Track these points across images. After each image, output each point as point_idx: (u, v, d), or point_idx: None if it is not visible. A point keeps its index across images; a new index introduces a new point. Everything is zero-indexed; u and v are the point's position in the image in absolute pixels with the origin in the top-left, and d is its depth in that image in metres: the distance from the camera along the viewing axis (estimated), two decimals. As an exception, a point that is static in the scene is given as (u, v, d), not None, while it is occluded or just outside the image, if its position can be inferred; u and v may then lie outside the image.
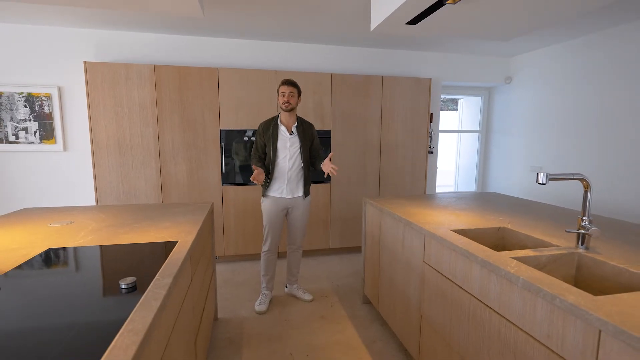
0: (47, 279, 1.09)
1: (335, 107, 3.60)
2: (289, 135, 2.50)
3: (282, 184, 2.53)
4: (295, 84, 2.46)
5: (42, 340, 0.76)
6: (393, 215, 2.10)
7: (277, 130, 2.49)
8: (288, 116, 2.50)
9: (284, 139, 2.49)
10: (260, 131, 2.52)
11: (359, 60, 3.94)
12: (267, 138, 2.50)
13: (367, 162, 3.76)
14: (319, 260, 3.68)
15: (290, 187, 2.54)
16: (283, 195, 2.54)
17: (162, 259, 1.27)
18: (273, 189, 2.54)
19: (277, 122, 2.52)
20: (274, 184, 2.54)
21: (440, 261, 1.61)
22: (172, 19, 2.99)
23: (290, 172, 2.52)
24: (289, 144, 2.50)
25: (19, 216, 1.94)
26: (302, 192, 2.59)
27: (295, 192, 2.56)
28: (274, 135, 2.48)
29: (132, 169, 3.22)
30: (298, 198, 2.58)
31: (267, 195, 2.56)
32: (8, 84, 3.15)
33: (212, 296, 2.31)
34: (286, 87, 2.43)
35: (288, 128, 2.51)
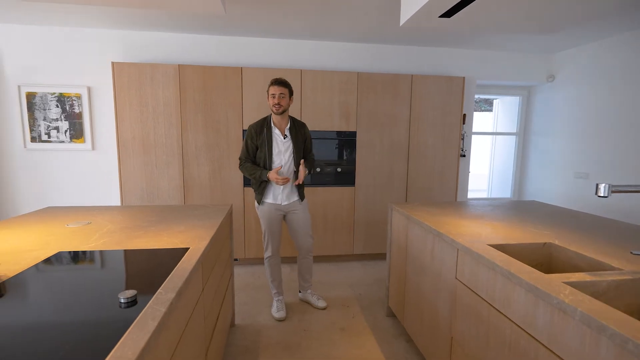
0: (45, 288, 1.03)
1: (361, 106, 3.46)
2: (283, 139, 2.38)
3: (278, 190, 2.42)
4: (286, 83, 2.29)
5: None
6: (422, 225, 1.93)
7: (271, 134, 2.36)
8: (280, 118, 2.36)
9: (277, 143, 2.37)
10: (252, 134, 2.36)
11: (386, 59, 3.77)
12: (259, 142, 2.36)
13: (394, 164, 3.58)
14: (340, 266, 3.54)
15: (285, 193, 2.44)
16: (279, 201, 2.44)
17: (170, 268, 1.18)
18: (269, 196, 2.44)
19: (269, 124, 2.37)
20: (269, 190, 2.43)
21: (475, 279, 1.43)
22: (196, 18, 2.97)
23: (282, 173, 2.40)
24: (283, 149, 2.38)
25: (41, 215, 1.95)
26: (297, 196, 2.48)
27: (290, 197, 2.46)
28: (267, 138, 2.34)
29: (155, 169, 3.23)
30: (294, 203, 2.48)
31: (263, 202, 2.46)
32: (42, 84, 3.25)
33: (229, 302, 2.23)
34: (276, 88, 2.25)
35: (281, 131, 2.38)
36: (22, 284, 1.05)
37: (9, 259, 1.25)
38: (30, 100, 3.24)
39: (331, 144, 3.46)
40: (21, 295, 0.98)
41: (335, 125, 3.44)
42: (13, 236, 1.54)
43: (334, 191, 3.51)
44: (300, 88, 3.33)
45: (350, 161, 3.51)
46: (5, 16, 2.99)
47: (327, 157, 3.46)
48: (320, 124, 3.42)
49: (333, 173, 3.50)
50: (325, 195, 3.50)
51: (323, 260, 3.66)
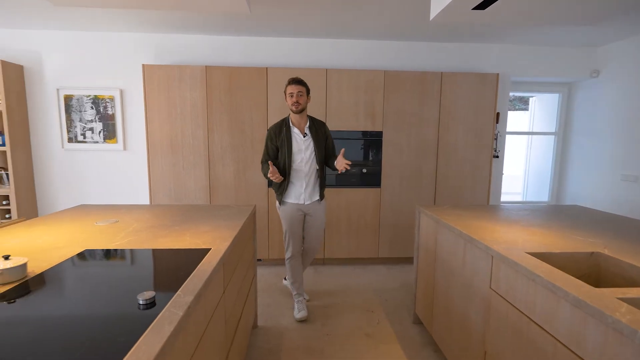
0: (68, 286, 1.04)
1: (387, 106, 3.36)
2: (303, 137, 2.37)
3: (301, 189, 2.41)
4: (304, 82, 2.31)
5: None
6: (452, 229, 1.82)
7: (290, 133, 2.36)
8: (299, 117, 2.36)
9: (298, 142, 2.37)
10: (272, 135, 2.39)
11: (414, 56, 3.65)
12: (279, 142, 2.37)
13: (422, 165, 3.45)
14: (366, 269, 3.45)
15: (308, 192, 2.43)
16: (301, 201, 2.43)
17: (191, 270, 1.17)
18: (291, 195, 2.43)
19: (288, 124, 2.38)
20: (291, 190, 2.42)
21: (512, 290, 1.31)
22: (223, 20, 2.99)
23: (307, 176, 2.40)
24: (304, 147, 2.37)
25: (74, 213, 2.01)
26: (319, 196, 2.47)
27: (312, 196, 2.45)
28: (287, 138, 2.35)
29: (182, 169, 3.29)
30: (315, 202, 2.47)
31: (285, 202, 2.45)
32: (78, 87, 3.40)
33: (252, 303, 2.21)
34: (294, 87, 2.26)
35: (300, 130, 2.38)
36: (48, 281, 1.06)
37: (40, 256, 1.29)
38: (67, 102, 3.39)
39: (356, 144, 3.39)
40: (45, 292, 0.99)
41: (360, 125, 3.37)
42: (47, 233, 1.59)
43: (358, 192, 3.43)
44: (325, 88, 3.29)
45: (375, 162, 3.42)
46: (46, 23, 3.15)
47: (352, 157, 3.39)
48: (346, 124, 3.35)
49: (358, 174, 3.42)
50: (350, 196, 3.42)
51: (347, 263, 3.58)
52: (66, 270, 1.15)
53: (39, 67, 3.38)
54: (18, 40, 3.34)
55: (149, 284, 1.05)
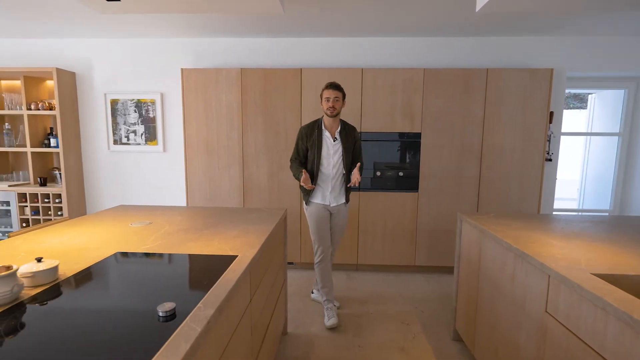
0: (93, 291, 1.03)
1: (427, 106, 3.18)
2: (333, 141, 2.39)
3: (326, 192, 2.44)
4: (341, 87, 2.32)
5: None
6: (500, 241, 1.64)
7: (322, 136, 2.39)
8: (332, 121, 2.38)
9: (327, 146, 2.39)
10: (303, 135, 2.41)
11: (456, 52, 3.43)
12: (310, 143, 2.39)
13: (464, 168, 3.23)
14: (401, 278, 3.29)
15: (333, 195, 2.45)
16: (327, 202, 2.45)
17: (215, 278, 1.12)
18: (317, 196, 2.45)
19: (320, 126, 2.40)
20: (317, 192, 2.45)
21: (574, 317, 1.13)
22: (257, 21, 2.98)
23: (333, 180, 2.43)
24: (332, 151, 2.39)
25: (112, 213, 2.07)
26: (345, 199, 2.50)
27: (338, 199, 2.47)
28: (318, 140, 2.37)
29: (217, 171, 3.33)
30: (340, 205, 2.49)
31: (311, 203, 2.46)
32: (123, 91, 3.57)
33: (282, 309, 2.16)
34: (331, 92, 2.28)
35: (332, 134, 2.40)
36: (76, 285, 1.06)
37: (72, 258, 1.31)
38: (113, 106, 3.57)
39: (393, 146, 3.24)
40: (70, 297, 0.98)
41: (397, 126, 3.21)
42: (84, 233, 1.64)
43: (395, 197, 3.28)
44: (360, 87, 3.18)
45: (413, 165, 3.25)
46: (95, 32, 3.33)
47: (388, 159, 3.25)
48: (381, 125, 3.21)
49: (394, 177, 3.27)
50: (386, 200, 3.28)
51: (381, 270, 3.44)
52: (95, 274, 1.15)
53: (89, 74, 3.59)
54: (71, 48, 3.57)
55: (172, 293, 1.02)
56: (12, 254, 1.34)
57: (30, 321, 0.86)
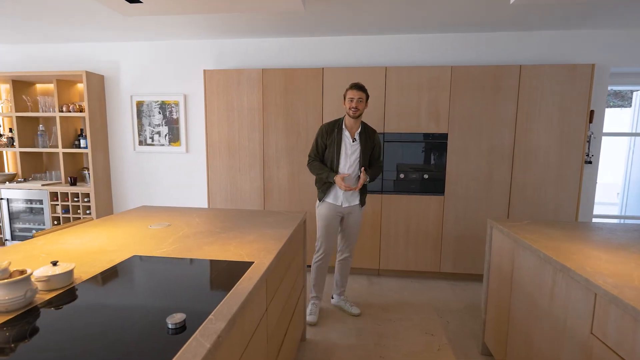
0: (104, 297, 1.00)
1: (454, 105, 3.03)
2: (352, 141, 2.37)
3: (339, 191, 2.41)
4: (365, 88, 2.32)
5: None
6: (536, 253, 1.51)
7: (342, 135, 2.38)
8: (353, 122, 2.38)
9: (346, 145, 2.38)
10: (323, 133, 2.40)
11: (487, 48, 3.25)
12: (329, 142, 2.39)
13: (494, 171, 3.05)
14: (425, 284, 3.15)
15: (346, 196, 2.42)
16: (339, 202, 2.42)
17: (229, 286, 1.07)
18: (330, 196, 2.43)
19: (341, 125, 2.39)
20: (331, 190, 2.42)
21: (629, 343, 1.00)
22: (278, 21, 2.95)
23: (349, 180, 2.39)
24: (350, 152, 2.38)
25: (133, 214, 2.08)
26: (358, 201, 2.45)
27: (351, 200, 2.43)
28: (337, 139, 2.37)
29: (238, 172, 3.33)
30: (354, 206, 2.45)
31: (324, 201, 2.45)
32: (148, 93, 3.63)
33: (300, 315, 2.10)
34: (355, 92, 2.28)
35: (351, 134, 2.38)
36: (89, 290, 1.04)
37: (90, 260, 1.30)
38: (139, 108, 3.65)
39: (417, 147, 3.11)
40: (82, 304, 0.96)
41: (422, 127, 3.08)
42: (104, 234, 1.64)
43: (419, 200, 3.15)
44: (384, 87, 3.07)
45: (439, 167, 3.11)
46: (122, 36, 3.41)
47: (412, 161, 3.13)
48: (406, 126, 3.10)
49: (419, 180, 3.14)
50: (409, 203, 3.16)
51: (404, 276, 3.32)
52: (109, 279, 1.13)
53: (117, 76, 3.68)
54: (100, 52, 3.68)
55: (183, 302, 0.97)
56: (33, 255, 1.35)
57: (40, 328, 0.84)
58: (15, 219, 3.71)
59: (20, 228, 3.71)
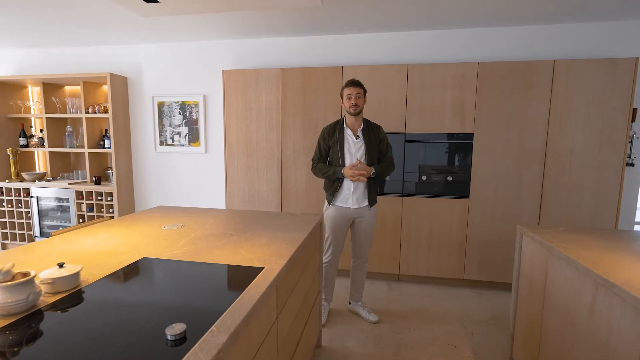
0: (107, 302, 0.96)
1: (480, 103, 2.87)
2: (355, 139, 2.30)
3: (348, 193, 2.33)
4: (362, 84, 2.27)
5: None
6: (574, 264, 1.36)
7: (343, 134, 2.32)
8: (354, 119, 2.32)
9: (349, 143, 2.31)
10: (325, 135, 2.36)
11: (517, 43, 3.07)
12: (332, 143, 2.34)
13: (524, 174, 2.87)
14: (448, 292, 3.00)
15: (356, 196, 2.33)
16: (349, 205, 2.34)
17: (236, 295, 1.01)
18: (339, 198, 2.36)
19: (342, 125, 2.34)
20: (339, 193, 2.35)
21: (688, 376, 0.86)
22: (297, 20, 2.89)
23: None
24: (354, 149, 2.30)
25: (149, 214, 2.08)
26: (368, 201, 2.36)
27: (361, 201, 2.35)
28: (339, 139, 2.31)
29: (256, 172, 3.30)
30: (364, 208, 2.36)
31: (332, 205, 2.38)
32: (169, 94, 3.68)
33: (316, 321, 2.03)
34: (352, 89, 2.23)
35: (354, 132, 2.32)
36: (93, 294, 1.01)
37: (99, 262, 1.28)
38: (160, 108, 3.70)
39: (440, 148, 2.97)
40: (83, 309, 0.93)
41: (446, 127, 2.94)
42: (118, 235, 1.64)
43: (442, 203, 3.01)
44: (406, 85, 2.95)
45: (463, 168, 2.96)
46: (145, 38, 3.46)
47: (435, 162, 2.99)
48: (429, 125, 2.96)
49: (442, 182, 3.00)
50: (432, 206, 3.02)
51: (426, 282, 3.18)
52: (114, 283, 1.10)
53: (139, 78, 3.75)
54: (124, 54, 3.76)
55: (186, 310, 0.92)
56: (46, 255, 1.35)
57: (40, 332, 0.81)
58: (44, 216, 3.85)
59: (48, 225, 3.85)
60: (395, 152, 3.03)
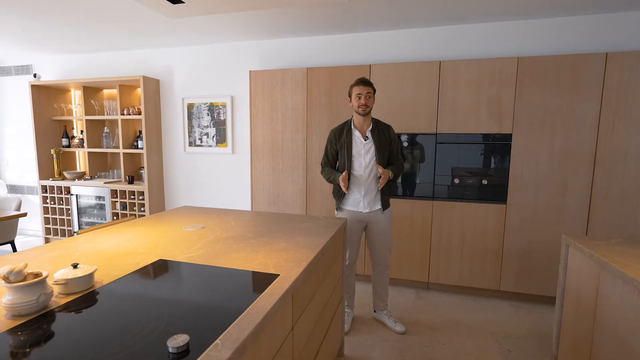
0: (115, 306, 0.93)
1: (520, 102, 2.66)
2: (364, 140, 2.21)
3: (359, 196, 2.25)
4: (371, 83, 2.17)
5: None
6: (633, 282, 1.19)
7: (351, 136, 2.23)
8: (362, 120, 2.22)
9: (358, 146, 2.22)
10: (332, 138, 2.29)
11: (562, 35, 2.82)
12: (339, 145, 2.25)
13: (569, 178, 2.62)
14: (481, 303, 2.81)
15: (367, 200, 2.24)
16: (360, 209, 2.26)
17: (246, 304, 0.95)
18: (349, 202, 2.28)
19: (350, 126, 2.26)
20: (349, 196, 2.27)
21: None
22: (323, 18, 2.82)
23: (367, 182, 2.23)
24: (364, 151, 2.21)
25: (173, 214, 2.09)
26: (380, 204, 2.25)
27: (373, 205, 2.25)
28: (347, 141, 2.22)
29: (281, 173, 3.26)
30: (376, 212, 2.26)
31: (342, 209, 2.31)
32: (198, 96, 3.74)
33: (338, 329, 1.94)
34: (362, 88, 2.14)
35: (362, 133, 2.23)
36: (105, 296, 0.99)
37: (116, 262, 1.27)
38: (189, 110, 3.77)
39: (475, 149, 2.79)
40: (92, 312, 0.90)
41: (482, 127, 2.75)
42: (140, 235, 1.64)
43: (476, 208, 2.81)
44: (437, 83, 2.80)
45: (500, 171, 2.75)
46: (175, 41, 3.54)
47: (468, 165, 2.81)
48: (462, 126, 2.79)
49: (476, 185, 2.81)
50: (465, 212, 2.84)
51: (457, 292, 2.99)
52: (128, 285, 1.08)
53: (170, 80, 3.85)
54: (156, 57, 3.87)
55: (192, 319, 0.87)
56: (69, 253, 1.36)
57: (46, 335, 0.79)
58: (83, 213, 4.04)
59: (86, 222, 4.04)
60: (425, 153, 2.89)
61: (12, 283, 0.86)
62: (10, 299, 0.86)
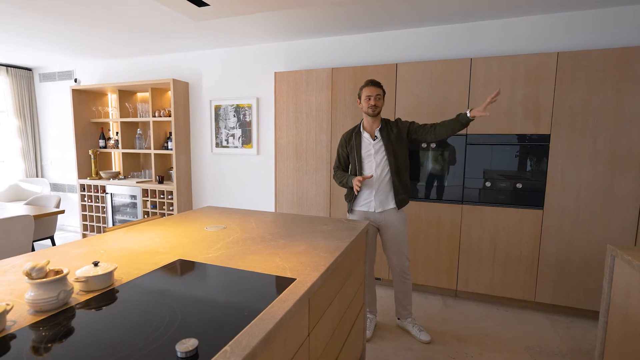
0: (129, 306, 0.93)
1: (560, 100, 2.48)
2: (373, 140, 2.20)
3: (370, 196, 2.21)
4: (381, 84, 2.16)
5: None
6: (693, 302, 1.04)
7: (360, 138, 2.24)
8: (372, 121, 2.21)
9: (367, 146, 2.21)
10: (342, 142, 2.31)
11: (608, 28, 2.60)
12: (350, 148, 2.27)
13: (616, 182, 2.41)
14: (514, 314, 2.64)
15: (379, 199, 2.20)
16: (371, 209, 2.22)
17: (260, 308, 0.92)
18: (360, 203, 2.26)
19: (359, 129, 2.26)
20: (360, 197, 2.25)
21: None
22: (348, 17, 2.78)
23: (378, 181, 2.19)
24: (374, 151, 2.19)
25: (196, 214, 2.12)
26: (394, 203, 2.19)
27: (385, 204, 2.20)
28: (356, 143, 2.23)
29: (305, 175, 3.24)
30: (389, 211, 2.21)
31: (353, 211, 2.29)
32: (225, 97, 3.80)
33: (359, 335, 1.88)
34: (372, 89, 2.13)
35: (371, 134, 2.22)
36: (123, 294, 1.00)
37: (137, 261, 1.29)
38: (217, 111, 3.84)
39: (509, 151, 2.63)
40: (108, 311, 0.91)
41: (516, 127, 2.59)
42: (163, 234, 1.67)
43: (510, 213, 2.65)
44: (468, 81, 2.67)
45: (537, 175, 2.58)
46: (204, 44, 3.63)
47: (502, 167, 2.65)
48: (495, 126, 2.64)
49: (510, 189, 2.65)
50: (497, 217, 2.68)
51: (487, 301, 2.84)
52: (146, 284, 1.08)
53: (199, 82, 3.94)
54: (186, 61, 3.98)
55: (204, 323, 0.85)
56: (94, 250, 1.40)
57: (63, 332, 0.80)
58: (117, 211, 4.23)
59: (119, 220, 4.22)
60: (455, 155, 2.77)
61: (34, 279, 0.88)
62: (32, 295, 0.88)
